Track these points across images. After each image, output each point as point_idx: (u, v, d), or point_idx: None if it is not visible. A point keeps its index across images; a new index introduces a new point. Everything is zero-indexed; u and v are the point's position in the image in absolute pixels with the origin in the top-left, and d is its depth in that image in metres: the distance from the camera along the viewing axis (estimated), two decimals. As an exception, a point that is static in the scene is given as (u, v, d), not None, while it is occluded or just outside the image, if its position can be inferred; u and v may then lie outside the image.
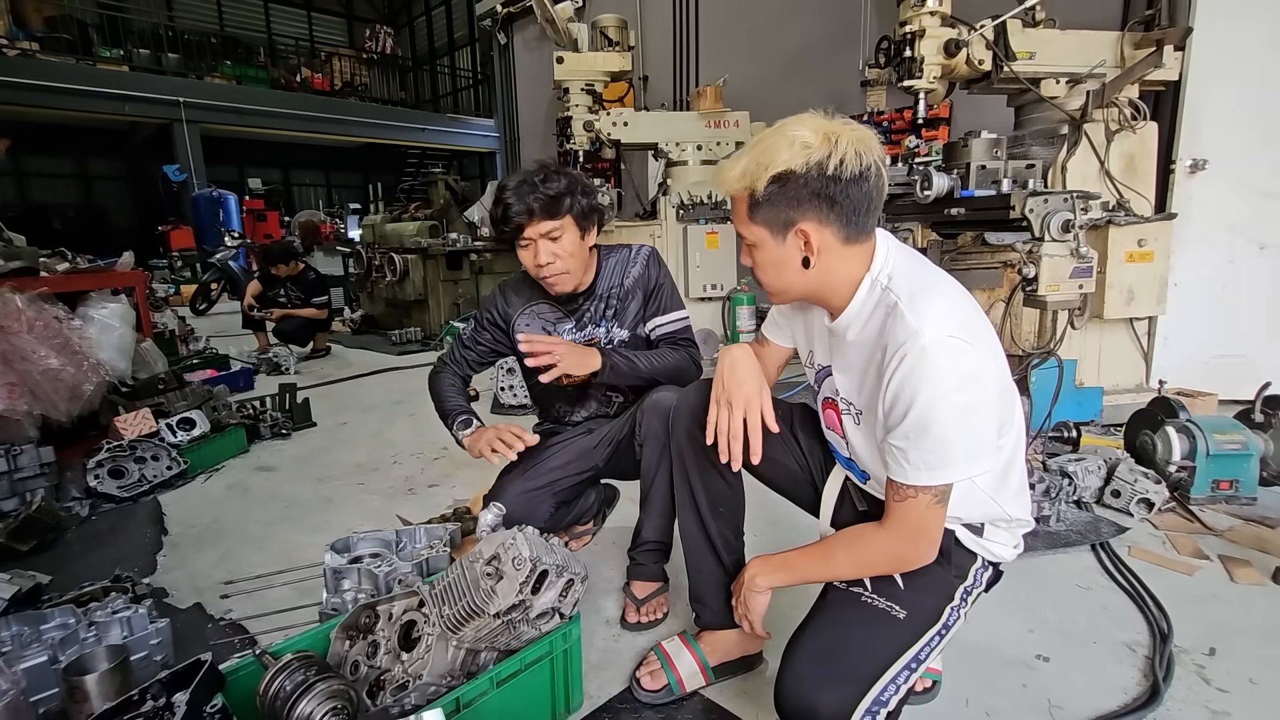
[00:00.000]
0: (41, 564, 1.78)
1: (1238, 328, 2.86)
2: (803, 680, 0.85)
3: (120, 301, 2.87)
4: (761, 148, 0.89)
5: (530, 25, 5.61)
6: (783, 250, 0.92)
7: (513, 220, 1.41)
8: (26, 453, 2.13)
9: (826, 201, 0.87)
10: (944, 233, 2.79)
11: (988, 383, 0.86)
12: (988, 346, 0.88)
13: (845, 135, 0.86)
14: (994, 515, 0.99)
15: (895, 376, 0.86)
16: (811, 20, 4.81)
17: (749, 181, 0.90)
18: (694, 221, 4.43)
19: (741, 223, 0.95)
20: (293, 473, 2.62)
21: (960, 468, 0.86)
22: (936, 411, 0.83)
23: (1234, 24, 2.70)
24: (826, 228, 0.90)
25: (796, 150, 0.86)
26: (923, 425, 0.84)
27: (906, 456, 0.87)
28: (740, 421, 1.04)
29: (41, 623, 1.27)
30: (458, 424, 1.57)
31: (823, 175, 0.86)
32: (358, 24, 17.85)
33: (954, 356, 0.83)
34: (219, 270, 8.28)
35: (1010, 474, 0.98)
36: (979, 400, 0.85)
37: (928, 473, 0.86)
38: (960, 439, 0.85)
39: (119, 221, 14.28)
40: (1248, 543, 1.77)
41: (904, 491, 0.89)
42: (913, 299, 0.88)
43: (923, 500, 0.88)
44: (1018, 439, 0.98)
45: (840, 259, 0.92)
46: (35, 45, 10.47)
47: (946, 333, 0.84)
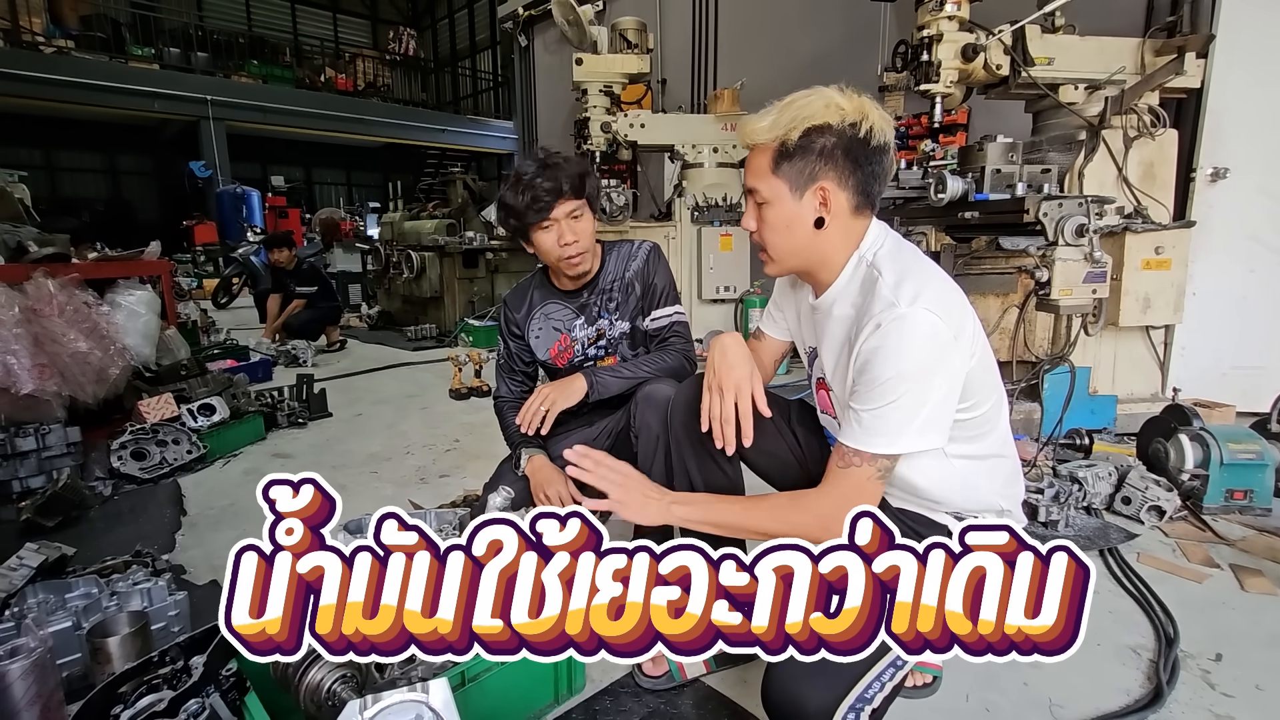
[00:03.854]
0: (66, 539, 1.83)
1: (1258, 338, 2.82)
2: (788, 675, 0.86)
3: (147, 289, 2.95)
4: (796, 105, 0.91)
5: (551, 28, 5.68)
6: (798, 208, 0.94)
7: (542, 199, 1.43)
8: (55, 432, 2.20)
9: (851, 163, 0.91)
10: (958, 237, 2.78)
11: (954, 363, 0.88)
12: (962, 331, 0.90)
13: (874, 108, 0.91)
14: (983, 505, 1.00)
15: (868, 343, 0.88)
16: (830, 25, 4.82)
17: (781, 132, 0.91)
18: (708, 224, 4.45)
19: (760, 177, 0.95)
20: (308, 460, 2.67)
21: (910, 439, 0.87)
22: (900, 379, 0.85)
23: (1258, 31, 2.67)
24: (843, 191, 0.93)
25: (832, 109, 0.90)
26: (884, 391, 0.86)
27: (860, 420, 0.89)
28: (731, 406, 1.06)
29: (66, 591, 1.32)
30: (520, 452, 1.62)
31: (855, 137, 0.90)
32: (381, 25, 18.11)
33: (925, 329, 0.86)
34: (241, 265, 8.42)
35: (1001, 467, 0.99)
36: (942, 377, 0.87)
37: (878, 438, 0.88)
38: (916, 410, 0.86)
39: (145, 216, 14.60)
40: (1260, 553, 1.74)
41: (849, 458, 0.90)
42: (895, 276, 0.91)
43: (866, 471, 0.90)
44: (1004, 431, 0.99)
45: (843, 229, 0.95)
46: (70, 43, 10.77)
47: (922, 306, 0.86)
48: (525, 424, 1.49)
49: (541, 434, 1.52)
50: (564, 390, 1.50)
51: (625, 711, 1.20)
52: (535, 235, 1.50)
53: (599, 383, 1.51)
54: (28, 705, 0.93)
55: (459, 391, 3.62)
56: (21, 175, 4.18)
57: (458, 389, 3.63)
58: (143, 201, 15.07)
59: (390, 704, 0.80)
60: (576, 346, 1.64)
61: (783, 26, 5.15)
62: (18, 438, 2.14)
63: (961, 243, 2.79)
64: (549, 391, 1.50)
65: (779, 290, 1.22)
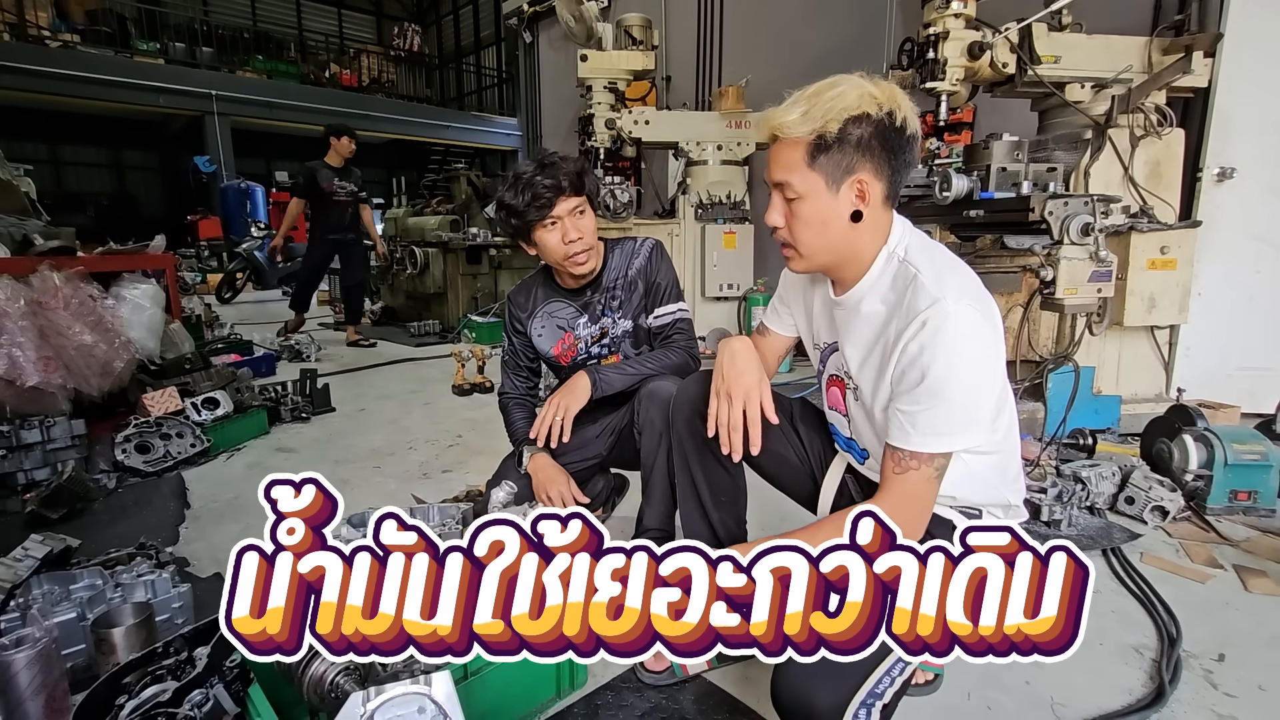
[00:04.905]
0: (70, 532, 1.83)
1: (1263, 339, 2.80)
2: (798, 674, 0.85)
3: (151, 283, 2.96)
4: (827, 95, 0.88)
5: (556, 24, 5.67)
6: (834, 202, 0.91)
7: (543, 197, 1.43)
8: (59, 424, 2.21)
9: (889, 152, 0.89)
10: (963, 235, 2.78)
11: (998, 356, 0.88)
12: (999, 324, 0.90)
13: (903, 96, 0.89)
14: (992, 499, 1.00)
15: (915, 341, 0.86)
16: (836, 22, 4.80)
17: (817, 124, 0.87)
18: (712, 221, 4.44)
19: (792, 171, 0.91)
20: (311, 455, 2.68)
21: (963, 436, 0.87)
22: (953, 376, 0.85)
23: (1266, 31, 2.65)
24: (879, 182, 0.91)
25: (868, 99, 0.87)
26: (936, 389, 0.85)
27: (914, 421, 0.88)
28: (740, 413, 1.05)
29: (71, 582, 1.33)
30: (523, 449, 1.63)
31: (891, 126, 0.88)
32: (386, 21, 18.11)
33: (974, 325, 0.85)
34: (245, 260, 8.46)
35: (1009, 463, 0.99)
36: (989, 371, 0.87)
37: (934, 438, 0.87)
38: (968, 407, 0.86)
39: (149, 211, 14.64)
40: (1265, 554, 1.74)
41: (906, 462, 0.89)
42: (934, 270, 0.89)
43: (924, 472, 0.89)
44: (1010, 427, 1.00)
45: (875, 222, 0.94)
46: (76, 38, 10.79)
47: (967, 302, 0.86)
48: (542, 438, 1.49)
49: (563, 441, 1.52)
50: (572, 394, 1.51)
51: (627, 706, 1.21)
52: (538, 234, 1.49)
53: (603, 380, 1.51)
54: (33, 695, 0.94)
55: (462, 387, 3.63)
56: (27, 169, 4.18)
57: (460, 385, 3.64)
58: (147, 196, 15.10)
59: (393, 696, 0.81)
60: (580, 345, 1.64)
61: (788, 24, 5.13)
62: (23, 430, 2.14)
63: (966, 241, 2.79)
64: (559, 399, 1.50)
65: (787, 286, 1.20)
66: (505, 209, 1.49)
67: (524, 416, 1.67)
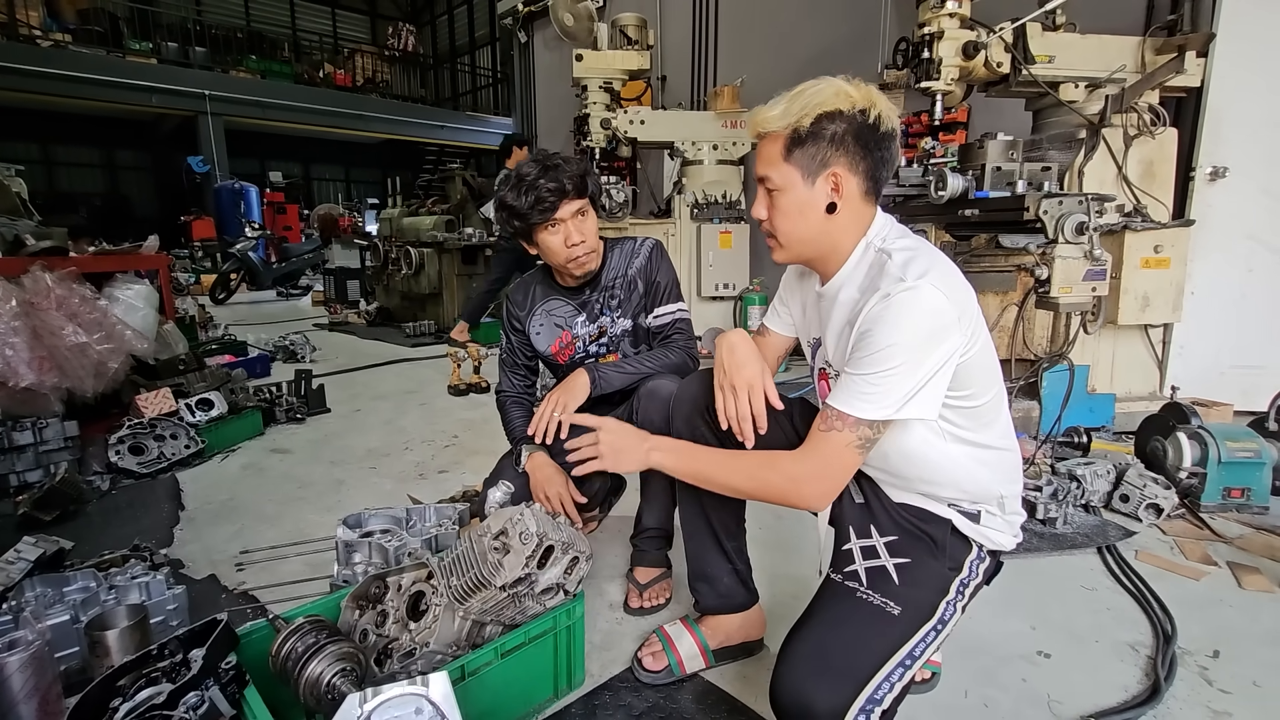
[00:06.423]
0: (63, 534, 1.82)
1: (1256, 337, 2.82)
2: (798, 678, 0.86)
3: (144, 284, 2.94)
4: (806, 93, 0.93)
5: (551, 24, 5.67)
6: (810, 194, 0.95)
7: (547, 200, 1.42)
8: (52, 426, 2.19)
9: (862, 148, 0.93)
10: (958, 235, 2.79)
11: (953, 341, 0.88)
12: (965, 312, 0.90)
13: (880, 97, 0.93)
14: (989, 496, 1.00)
15: (870, 313, 0.89)
16: (831, 22, 4.81)
17: (793, 120, 0.93)
18: (708, 221, 4.45)
19: (771, 164, 0.97)
20: (306, 455, 2.66)
21: (895, 407, 0.87)
22: (897, 346, 0.86)
23: (1258, 31, 2.67)
24: (854, 176, 0.94)
25: (842, 96, 0.92)
26: (879, 358, 0.87)
27: (852, 384, 0.89)
28: (746, 403, 1.06)
29: (64, 585, 1.32)
30: (520, 448, 1.60)
31: (864, 123, 0.92)
32: (381, 21, 18.05)
33: (930, 303, 0.86)
34: (239, 260, 8.42)
35: (1002, 459, 1.00)
36: (940, 352, 0.87)
37: (862, 402, 0.88)
38: (907, 381, 0.86)
39: (143, 211, 14.56)
40: (1258, 550, 1.75)
41: (832, 421, 0.91)
42: (904, 256, 0.92)
43: (845, 436, 0.90)
44: (1006, 425, 1.00)
45: (854, 215, 0.97)
46: (68, 37, 10.72)
47: (929, 282, 0.87)
48: (540, 435, 1.47)
49: (561, 440, 1.50)
50: (571, 391, 1.49)
51: (625, 706, 1.21)
52: (540, 236, 1.48)
53: (602, 378, 1.51)
54: (26, 698, 0.93)
55: (458, 388, 3.62)
56: (18, 169, 4.14)
57: (456, 385, 3.63)
58: (140, 196, 15.01)
59: (390, 697, 0.80)
60: (578, 343, 1.64)
61: (783, 23, 5.14)
62: (15, 431, 2.13)
63: (961, 240, 2.79)
64: (558, 396, 1.48)
65: (786, 284, 1.22)
66: (507, 210, 1.47)
67: (522, 415, 1.66)
